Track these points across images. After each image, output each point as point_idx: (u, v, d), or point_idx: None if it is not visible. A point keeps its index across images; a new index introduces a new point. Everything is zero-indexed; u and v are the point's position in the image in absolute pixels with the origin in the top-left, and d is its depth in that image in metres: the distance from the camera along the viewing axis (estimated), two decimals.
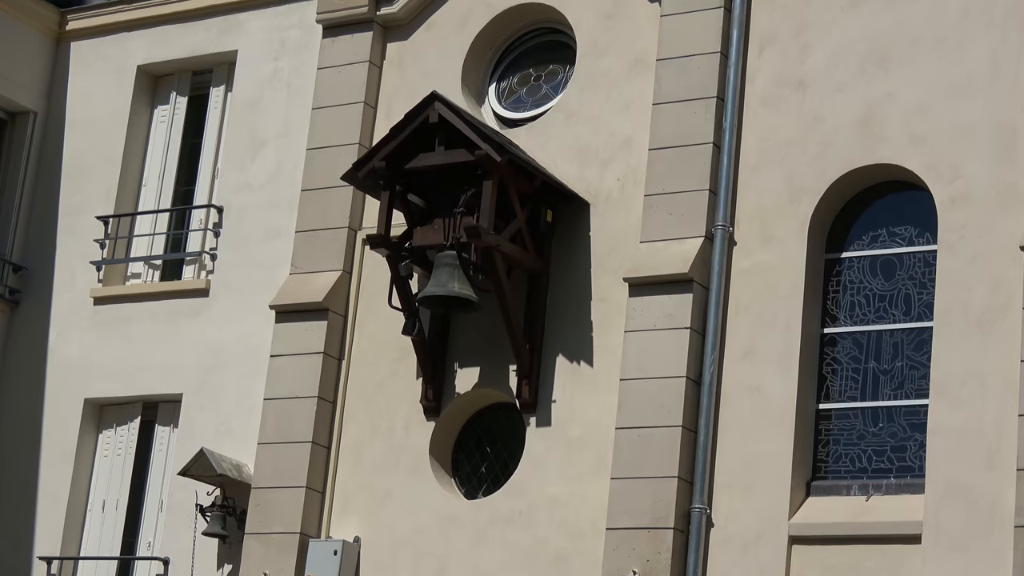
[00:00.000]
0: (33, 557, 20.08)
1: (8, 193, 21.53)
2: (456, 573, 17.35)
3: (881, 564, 15.54)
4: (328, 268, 18.83)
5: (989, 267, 15.58)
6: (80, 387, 20.48)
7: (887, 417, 16.24)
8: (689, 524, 16.25)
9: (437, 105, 17.33)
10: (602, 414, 16.95)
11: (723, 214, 16.89)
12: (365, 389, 18.43)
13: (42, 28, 21.74)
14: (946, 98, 16.17)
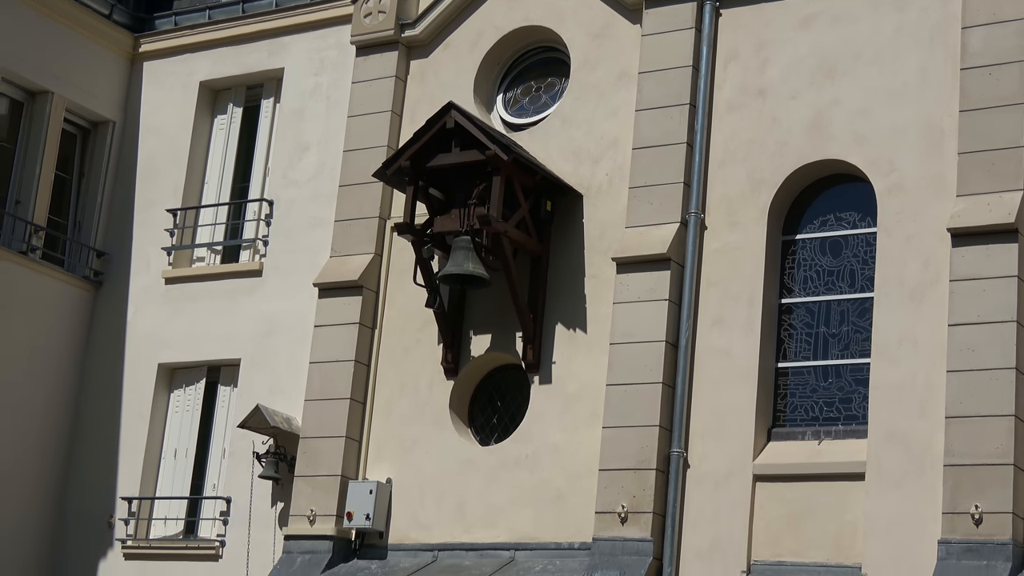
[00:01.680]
0: (117, 497, 20.12)
1: (92, 191, 21.53)
2: (472, 508, 17.37)
3: (831, 498, 15.55)
4: (362, 251, 18.81)
5: (921, 246, 15.57)
6: (154, 354, 20.50)
7: (835, 374, 16.25)
8: (669, 465, 16.28)
9: (453, 113, 17.33)
10: (595, 373, 16.96)
11: (695, 203, 16.89)
12: (394, 354, 18.44)
13: (119, 51, 21.72)
14: (884, 103, 16.15)
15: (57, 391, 20.65)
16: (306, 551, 17.93)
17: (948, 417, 14.85)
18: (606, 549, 16.21)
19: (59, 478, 20.53)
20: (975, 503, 14.47)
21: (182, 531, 20.00)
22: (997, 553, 14.31)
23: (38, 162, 20.75)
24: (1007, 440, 14.50)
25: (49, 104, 20.92)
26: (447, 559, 17.27)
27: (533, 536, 16.92)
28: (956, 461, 14.70)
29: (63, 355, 20.78)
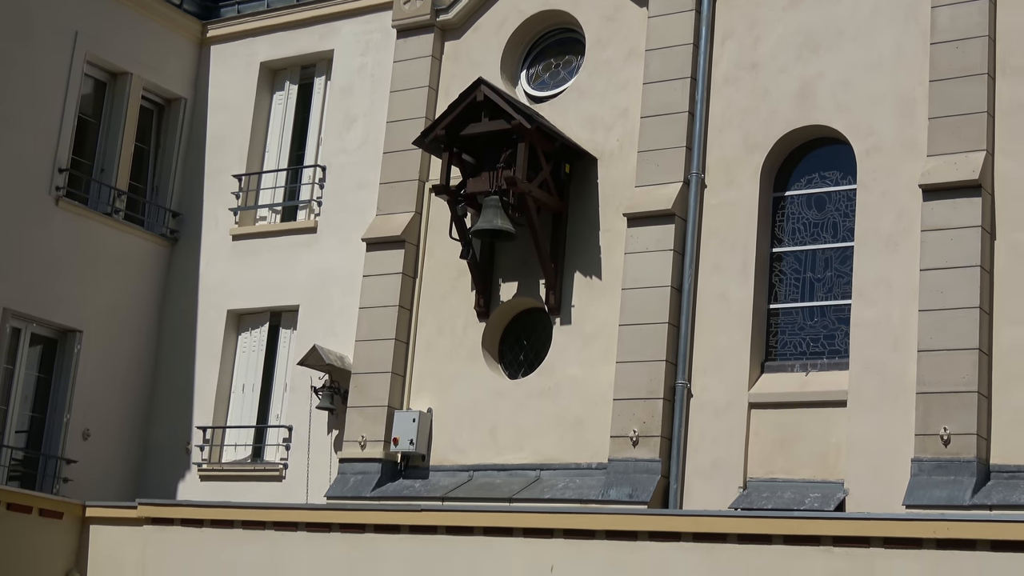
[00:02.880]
0: (193, 427, 20.24)
1: (167, 159, 21.57)
2: (503, 433, 17.43)
3: (817, 423, 15.58)
4: (404, 210, 18.81)
5: (895, 201, 15.53)
6: (223, 302, 20.57)
7: (820, 314, 16.23)
8: (674, 395, 16.32)
9: (482, 87, 17.31)
10: (609, 315, 16.98)
11: (696, 164, 16.85)
12: (433, 299, 18.46)
13: (189, 36, 21.71)
14: (863, 75, 16.07)
15: (140, 335, 20.75)
16: (358, 472, 18.02)
17: (920, 351, 14.86)
18: (620, 468, 16.27)
19: (143, 411, 20.65)
20: (944, 426, 14.48)
21: (250, 456, 20.13)
22: (963, 469, 14.34)
23: (120, 135, 20.79)
24: (972, 371, 14.52)
25: (129, 84, 20.94)
26: (481, 478, 17.35)
27: (556, 457, 16.98)
28: (927, 389, 14.71)
29: (144, 303, 20.86)
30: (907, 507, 14.23)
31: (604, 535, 13.65)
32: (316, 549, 15.19)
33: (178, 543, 15.99)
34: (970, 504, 14.05)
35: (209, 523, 15.97)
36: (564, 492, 16.48)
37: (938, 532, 12.18)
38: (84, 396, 19.92)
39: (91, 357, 20.03)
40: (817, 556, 12.56)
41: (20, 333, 19.46)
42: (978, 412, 14.46)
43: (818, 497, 15.13)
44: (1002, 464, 14.42)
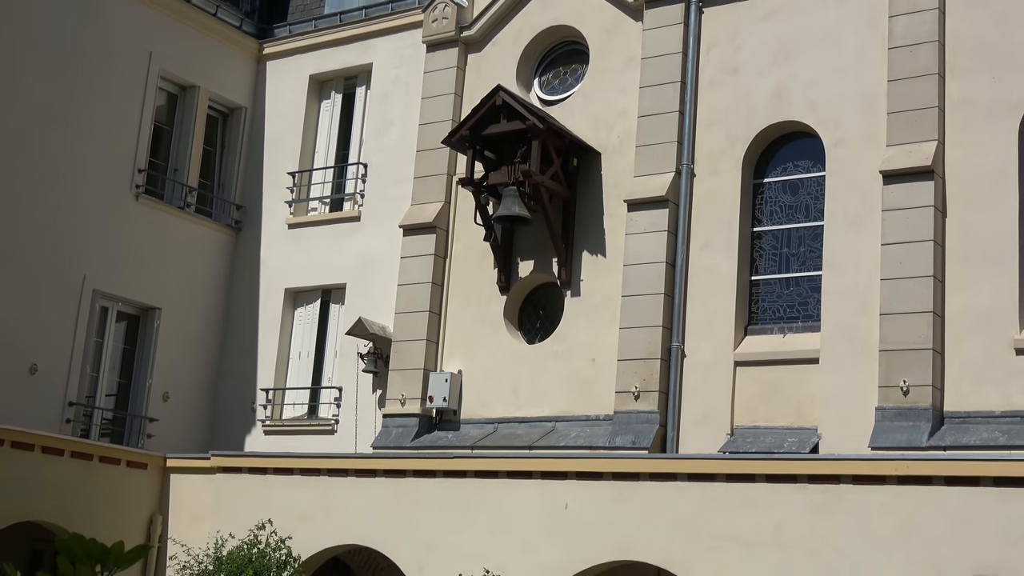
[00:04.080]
0: (257, 388, 20.29)
1: (230, 159, 21.58)
2: (523, 391, 17.44)
3: (794, 378, 15.56)
4: (435, 200, 18.79)
5: (859, 186, 15.48)
6: (281, 281, 20.58)
7: (795, 284, 16.18)
8: (670, 356, 16.30)
9: (501, 93, 17.29)
10: (613, 287, 16.95)
11: (686, 157, 16.80)
12: (461, 277, 18.45)
13: (247, 53, 21.71)
14: (830, 76, 16.01)
15: (210, 311, 20.81)
16: (399, 425, 18.06)
17: (882, 314, 14.84)
18: (624, 419, 16.26)
19: (214, 376, 20.72)
20: (903, 379, 14.46)
21: (306, 413, 20.16)
22: (920, 416, 14.33)
23: (190, 139, 20.82)
24: (927, 331, 14.49)
25: (196, 96, 20.96)
26: (504, 429, 17.36)
27: (569, 411, 16.98)
28: (888, 347, 14.69)
29: (213, 284, 20.91)
30: (872, 449, 14.22)
31: (611, 476, 13.71)
32: (364, 492, 15.27)
33: (245, 488, 16.09)
34: (926, 445, 14.03)
35: (272, 471, 16.09)
36: (576, 440, 16.50)
37: (899, 470, 12.21)
38: (163, 364, 20.00)
39: (169, 330, 20.11)
40: (795, 492, 12.59)
41: (107, 311, 19.54)
42: (933, 366, 14.43)
43: (795, 441, 15.11)
44: (954, 411, 14.39)
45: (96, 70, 19.25)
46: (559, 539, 13.69)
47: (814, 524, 12.32)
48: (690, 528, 12.96)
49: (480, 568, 13.91)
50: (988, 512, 11.53)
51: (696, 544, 12.88)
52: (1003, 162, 14.74)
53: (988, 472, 11.68)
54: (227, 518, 15.77)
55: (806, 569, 12.20)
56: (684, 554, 12.96)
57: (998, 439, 13.87)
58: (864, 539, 12.06)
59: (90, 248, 19.02)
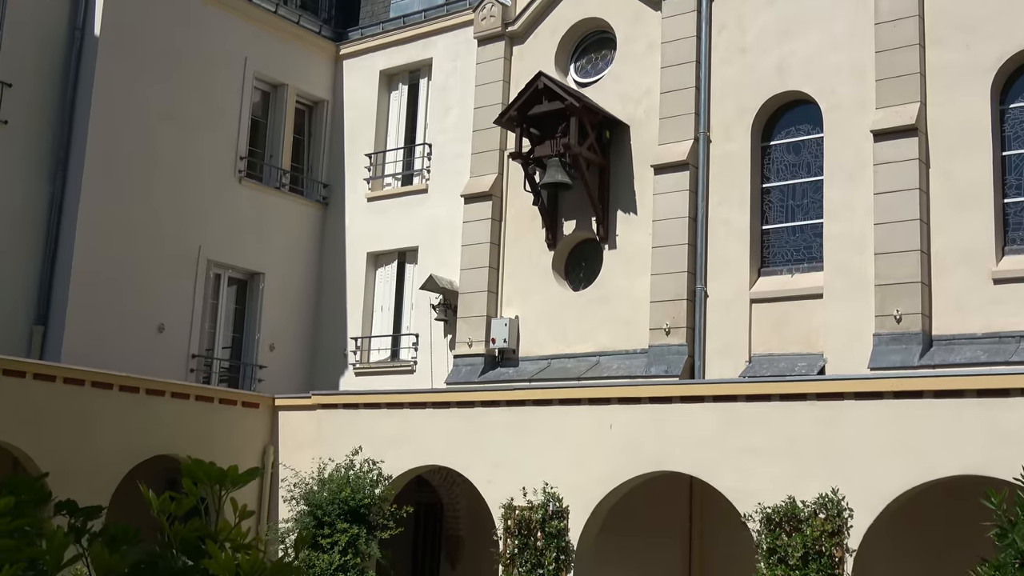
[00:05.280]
0: (348, 337, 20.46)
1: (317, 145, 21.64)
2: (570, 332, 17.46)
3: (801, 312, 15.47)
4: (490, 172, 18.77)
5: (853, 144, 15.30)
6: (363, 246, 20.67)
7: (800, 231, 16.07)
8: (695, 297, 16.26)
9: (542, 78, 17.23)
10: (644, 240, 16.90)
11: (703, 125, 16.67)
12: (514, 236, 18.45)
13: (326, 55, 21.73)
14: (826, 52, 15.80)
15: (305, 274, 20.97)
16: (467, 364, 18.16)
17: (876, 254, 14.73)
18: (657, 352, 16.26)
19: (312, 328, 20.91)
20: (896, 308, 14.36)
21: (389, 356, 20.32)
22: (912, 340, 14.24)
23: (281, 130, 20.90)
24: (915, 267, 14.37)
25: (286, 93, 21.02)
26: (556, 364, 17.42)
27: (610, 347, 16.99)
28: (883, 282, 14.58)
29: (307, 250, 21.06)
30: (871, 369, 14.16)
31: (648, 400, 13.72)
32: (440, 421, 15.41)
33: (341, 421, 16.28)
34: (918, 365, 13.96)
35: (363, 406, 16.25)
36: (617, 371, 16.52)
37: (894, 386, 12.14)
38: (269, 319, 20.22)
39: (272, 291, 20.30)
40: (805, 408, 12.56)
41: (220, 277, 19.76)
42: (922, 297, 14.32)
43: (804, 365, 15.06)
44: (941, 334, 14.29)
45: (201, 75, 19.36)
46: (605, 455, 13.76)
47: (821, 435, 12.29)
48: (716, 442, 12.98)
49: (540, 481, 14.01)
50: (972, 420, 11.45)
51: (721, 455, 12.91)
52: (978, 118, 14.52)
53: (972, 386, 11.59)
54: (327, 446, 15.98)
55: (815, 474, 12.19)
56: (711, 464, 13.00)
57: (980, 357, 13.77)
58: (865, 447, 12.02)
59: (204, 225, 19.21)
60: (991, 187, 14.30)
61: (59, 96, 17.86)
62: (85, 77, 17.89)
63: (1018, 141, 14.51)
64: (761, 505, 12.35)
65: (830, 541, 11.89)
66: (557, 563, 13.74)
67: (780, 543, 12.11)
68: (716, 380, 14.70)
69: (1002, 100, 14.64)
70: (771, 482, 12.38)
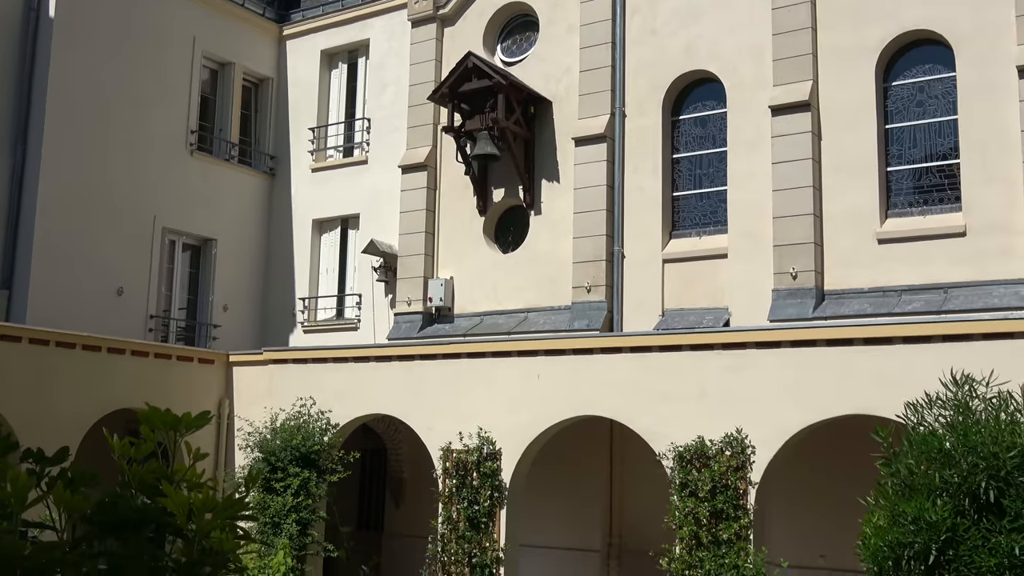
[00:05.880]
0: (296, 297, 20.23)
1: (263, 120, 21.21)
2: (500, 290, 17.46)
3: (708, 270, 15.62)
4: (425, 145, 18.59)
5: (754, 119, 15.41)
6: (309, 213, 20.37)
7: (707, 197, 16.17)
8: (613, 258, 16.33)
9: (471, 58, 17.08)
10: (567, 206, 16.90)
11: (619, 101, 16.66)
12: (448, 203, 18.34)
13: (270, 35, 21.28)
14: (728, 33, 15.85)
15: (255, 239, 20.65)
16: (407, 321, 18.09)
17: (774, 217, 14.90)
18: (579, 308, 16.34)
19: (262, 290, 20.63)
20: (792, 266, 14.56)
21: (334, 315, 20.14)
22: (806, 295, 14.45)
23: (230, 105, 20.46)
24: (809, 229, 14.56)
25: (233, 70, 20.56)
26: (488, 320, 17.42)
27: (537, 304, 17.04)
28: (780, 243, 14.77)
29: (256, 218, 20.72)
30: (770, 321, 14.36)
31: (571, 352, 13.80)
32: (382, 373, 15.35)
33: (291, 375, 16.14)
34: (811, 317, 14.19)
35: (311, 361, 16.13)
36: (544, 326, 16.58)
37: (791, 336, 12.33)
38: (222, 282, 19.90)
39: (224, 256, 19.98)
40: (712, 357, 12.72)
41: (175, 243, 19.38)
42: (814, 256, 14.54)
43: (711, 319, 15.25)
44: (832, 289, 14.53)
45: (152, 54, 18.88)
46: (534, 402, 13.84)
47: (727, 381, 12.47)
48: (633, 388, 13.11)
49: (475, 426, 14.05)
50: (860, 365, 11.69)
51: (638, 400, 13.04)
52: (863, 95, 14.71)
53: (859, 335, 11.82)
54: (278, 398, 15.86)
55: (721, 415, 12.38)
56: (629, 408, 13.13)
57: (866, 309, 14.03)
58: (765, 390, 12.23)
59: (158, 194, 18.81)
60: (876, 157, 14.53)
61: (17, 75, 17.37)
62: (41, 57, 17.36)
63: (900, 115, 14.75)
64: (674, 444, 12.53)
65: (735, 475, 12.11)
66: (491, 500, 13.83)
67: (691, 478, 12.31)
68: (632, 333, 14.83)
69: (885, 78, 14.85)
70: (682, 424, 12.56)
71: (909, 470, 9.87)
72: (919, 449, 9.94)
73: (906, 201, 14.53)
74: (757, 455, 12.07)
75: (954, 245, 13.81)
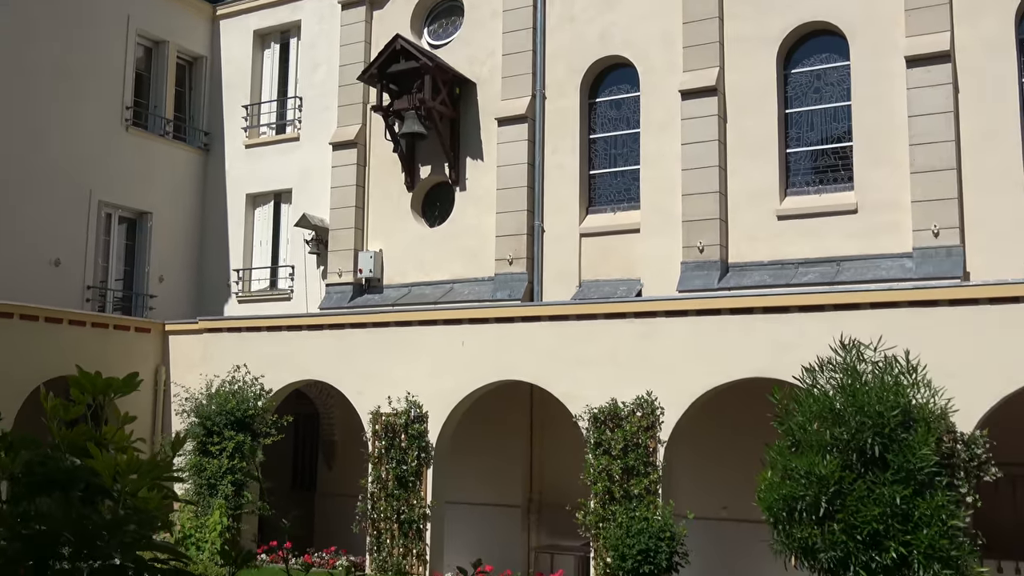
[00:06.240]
0: (231, 268, 19.89)
1: (197, 97, 20.71)
2: (427, 262, 17.39)
3: (622, 244, 15.72)
4: (355, 123, 18.37)
5: (664, 102, 15.52)
6: (243, 188, 19.99)
7: (621, 175, 16.25)
8: (534, 232, 16.35)
9: (399, 40, 16.88)
10: (490, 183, 16.86)
11: (540, 83, 16.64)
12: (377, 179, 18.17)
13: (205, 15, 20.73)
14: (641, 22, 15.92)
15: (190, 213, 20.22)
16: (338, 291, 17.94)
17: (683, 195, 15.05)
18: (502, 279, 16.36)
19: (198, 261, 20.24)
20: (699, 240, 14.75)
21: (268, 285, 19.85)
22: (712, 267, 14.66)
23: (164, 82, 19.93)
24: (715, 206, 14.76)
25: (168, 49, 20.01)
26: (415, 290, 17.36)
27: (462, 275, 17.01)
28: (688, 219, 14.94)
29: (191, 192, 20.28)
30: (679, 291, 14.55)
31: (494, 320, 13.83)
32: (314, 341, 15.22)
33: (226, 343, 15.91)
34: (716, 287, 14.41)
35: (245, 329, 15.91)
36: (468, 296, 16.58)
37: (698, 305, 12.52)
38: (158, 254, 19.46)
39: (160, 228, 19.53)
40: (625, 325, 12.86)
41: (111, 216, 18.88)
42: (720, 231, 14.74)
43: (624, 289, 15.39)
44: (735, 262, 14.77)
45: (88, 32, 18.29)
46: (458, 367, 13.86)
47: (638, 347, 12.63)
48: (551, 354, 13.20)
49: (403, 391, 14.04)
50: (760, 332, 11.93)
51: (556, 365, 13.15)
52: (765, 81, 14.91)
53: (759, 304, 12.06)
54: (214, 365, 15.63)
55: (633, 379, 12.55)
56: (548, 373, 13.23)
57: (766, 280, 14.30)
58: (673, 356, 12.42)
59: (95, 169, 18.29)
60: (776, 139, 14.77)
61: None
62: None
63: (798, 101, 15.00)
64: (589, 406, 12.67)
65: (645, 434, 12.31)
66: (419, 460, 13.85)
67: (604, 437, 12.48)
68: (551, 302, 14.89)
69: (785, 66, 15.08)
70: (597, 387, 12.70)
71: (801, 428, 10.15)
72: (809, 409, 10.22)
73: (803, 180, 14.81)
74: (666, 415, 12.28)
75: (846, 222, 14.14)
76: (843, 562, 9.84)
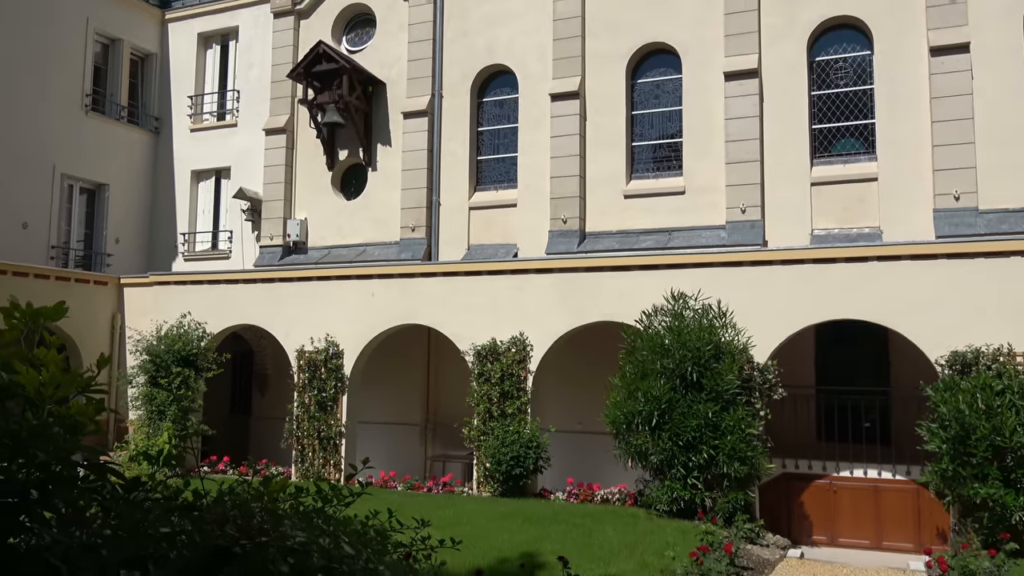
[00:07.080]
0: (178, 232, 18.99)
1: (149, 87, 19.56)
2: (344, 229, 16.98)
3: (503, 216, 15.64)
4: (284, 113, 17.67)
5: (537, 103, 15.37)
6: (188, 165, 19.04)
7: (503, 161, 16.10)
8: (432, 205, 16.12)
9: (322, 46, 16.29)
10: (396, 165, 16.53)
11: (437, 85, 16.32)
12: (303, 160, 17.58)
13: (155, 19, 19.54)
14: (521, 37, 15.74)
15: (142, 186, 19.15)
16: (270, 252, 17.35)
17: (552, 177, 15.04)
18: (406, 243, 16.11)
19: (149, 225, 19.23)
20: (563, 214, 14.80)
21: (210, 247, 19.03)
22: (573, 235, 14.75)
23: (120, 74, 18.73)
24: (576, 186, 14.82)
25: (122, 46, 18.78)
26: (335, 252, 16.93)
27: (373, 239, 16.67)
28: (555, 196, 14.96)
29: (144, 168, 19.20)
30: (547, 254, 14.61)
31: (399, 276, 13.63)
32: (249, 294, 14.71)
33: (173, 295, 15.23)
34: (576, 251, 14.51)
35: (190, 282, 15.27)
36: (378, 257, 16.27)
37: (560, 264, 12.59)
38: (114, 219, 18.38)
39: (116, 198, 18.44)
40: (503, 280, 12.85)
41: (73, 187, 17.73)
42: (579, 206, 14.82)
43: (504, 252, 15.36)
44: (591, 231, 14.90)
45: (49, 31, 17.04)
46: (369, 314, 13.62)
47: (514, 297, 12.65)
48: (445, 303, 13.11)
49: (323, 333, 13.73)
50: (608, 286, 12.09)
51: (448, 312, 13.07)
52: (616, 89, 14.99)
53: (608, 264, 12.20)
54: (163, 313, 14.94)
55: (509, 323, 12.58)
56: (442, 318, 13.14)
57: (615, 246, 14.48)
58: (541, 303, 12.49)
59: (58, 147, 17.14)
60: (624, 135, 14.90)
61: None
62: None
63: (642, 104, 15.13)
64: (474, 344, 12.65)
65: (518, 366, 12.37)
66: (335, 388, 13.60)
67: (486, 369, 12.48)
68: (445, 262, 14.73)
69: (633, 76, 15.18)
70: (480, 329, 12.69)
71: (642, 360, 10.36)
72: (648, 345, 10.45)
73: (645, 168, 15.01)
74: (534, 351, 12.37)
75: (676, 200, 14.42)
76: (668, 462, 10.14)
